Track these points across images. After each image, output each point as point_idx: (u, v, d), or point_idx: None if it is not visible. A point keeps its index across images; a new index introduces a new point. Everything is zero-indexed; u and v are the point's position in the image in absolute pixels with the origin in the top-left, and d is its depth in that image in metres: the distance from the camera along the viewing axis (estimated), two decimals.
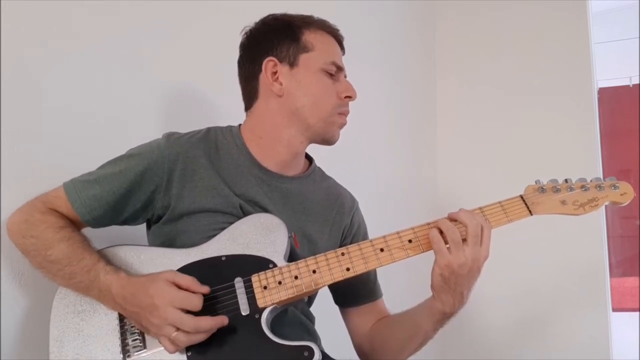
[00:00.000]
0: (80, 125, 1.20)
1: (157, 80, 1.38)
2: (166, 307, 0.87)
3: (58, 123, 1.16)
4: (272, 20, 1.12)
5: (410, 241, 0.99)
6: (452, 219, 0.99)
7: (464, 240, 0.96)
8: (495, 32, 2.55)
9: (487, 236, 0.97)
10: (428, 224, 1.01)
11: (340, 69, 1.12)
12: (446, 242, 0.97)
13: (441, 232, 0.97)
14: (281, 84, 1.08)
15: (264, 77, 1.09)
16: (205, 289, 0.92)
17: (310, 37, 1.09)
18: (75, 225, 1.01)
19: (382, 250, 0.99)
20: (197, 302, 0.89)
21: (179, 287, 0.90)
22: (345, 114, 1.12)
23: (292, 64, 1.08)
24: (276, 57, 1.08)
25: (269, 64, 1.08)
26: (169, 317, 0.86)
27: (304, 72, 1.08)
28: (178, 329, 0.86)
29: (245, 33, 1.14)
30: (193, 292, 0.90)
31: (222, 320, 0.89)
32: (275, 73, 1.08)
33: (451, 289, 0.98)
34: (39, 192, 1.02)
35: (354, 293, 1.19)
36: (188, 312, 0.88)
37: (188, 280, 0.90)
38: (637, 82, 3.41)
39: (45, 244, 0.95)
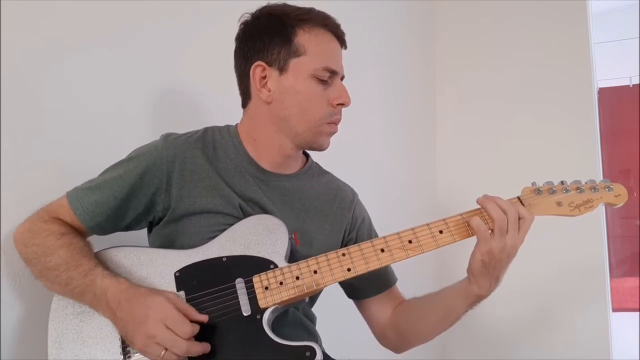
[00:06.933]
0: (81, 126, 1.20)
1: (157, 81, 1.38)
2: (157, 322, 0.85)
3: (58, 123, 1.16)
4: (267, 16, 1.06)
5: (410, 242, 1.00)
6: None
7: None
8: (496, 32, 2.55)
9: (526, 224, 1.00)
10: (428, 224, 1.01)
11: (334, 73, 1.05)
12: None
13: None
14: (269, 90, 1.04)
15: (252, 83, 1.06)
16: (204, 318, 0.90)
17: (303, 38, 1.03)
18: (80, 233, 1.01)
19: (382, 250, 1.00)
20: (187, 330, 0.87)
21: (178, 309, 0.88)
22: (336, 122, 1.08)
23: (282, 69, 1.03)
24: (266, 60, 1.04)
25: (257, 69, 1.04)
26: (158, 335, 0.85)
27: (293, 78, 1.03)
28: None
29: (241, 25, 1.09)
30: (190, 319, 0.88)
31: (207, 347, 0.89)
32: (264, 78, 1.05)
33: (489, 273, 1.00)
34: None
35: (371, 284, 1.17)
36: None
37: (187, 308, 0.90)
38: (637, 82, 3.41)
39: (46, 251, 0.95)
